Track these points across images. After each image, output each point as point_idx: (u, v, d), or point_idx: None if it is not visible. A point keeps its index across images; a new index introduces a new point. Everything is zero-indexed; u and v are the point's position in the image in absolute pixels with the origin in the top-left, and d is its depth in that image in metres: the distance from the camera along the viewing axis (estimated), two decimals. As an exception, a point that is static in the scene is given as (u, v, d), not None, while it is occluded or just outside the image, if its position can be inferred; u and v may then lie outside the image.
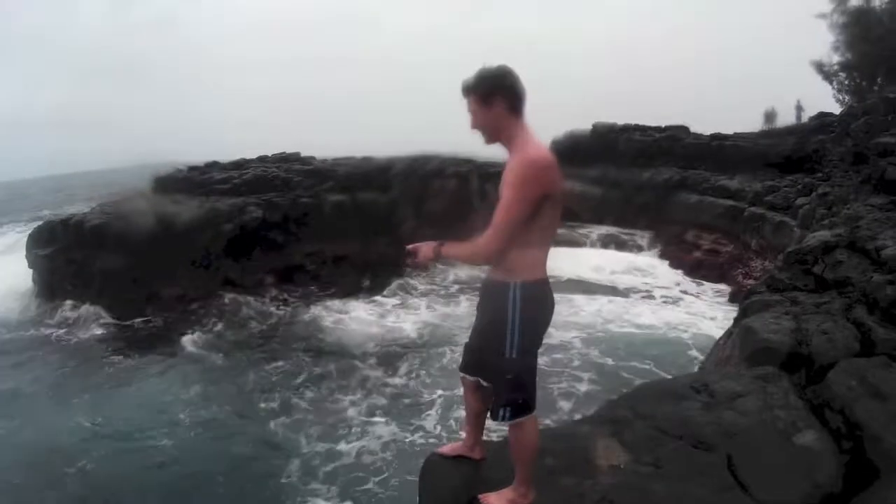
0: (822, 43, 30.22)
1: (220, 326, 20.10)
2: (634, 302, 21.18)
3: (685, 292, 22.18)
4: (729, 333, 7.53)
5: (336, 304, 21.97)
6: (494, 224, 2.97)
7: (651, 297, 21.78)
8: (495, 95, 3.08)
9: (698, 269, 24.01)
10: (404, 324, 19.98)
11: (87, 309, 20.96)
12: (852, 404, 4.25)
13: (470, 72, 3.18)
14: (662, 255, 26.43)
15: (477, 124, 3.19)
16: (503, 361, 3.17)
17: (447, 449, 3.94)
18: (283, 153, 30.76)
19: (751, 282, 18.28)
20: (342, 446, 12.55)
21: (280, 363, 16.93)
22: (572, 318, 18.97)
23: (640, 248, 27.79)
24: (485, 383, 3.39)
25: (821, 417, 4.28)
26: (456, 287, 23.49)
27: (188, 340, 18.81)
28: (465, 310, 20.12)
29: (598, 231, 29.19)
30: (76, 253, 21.95)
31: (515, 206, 2.95)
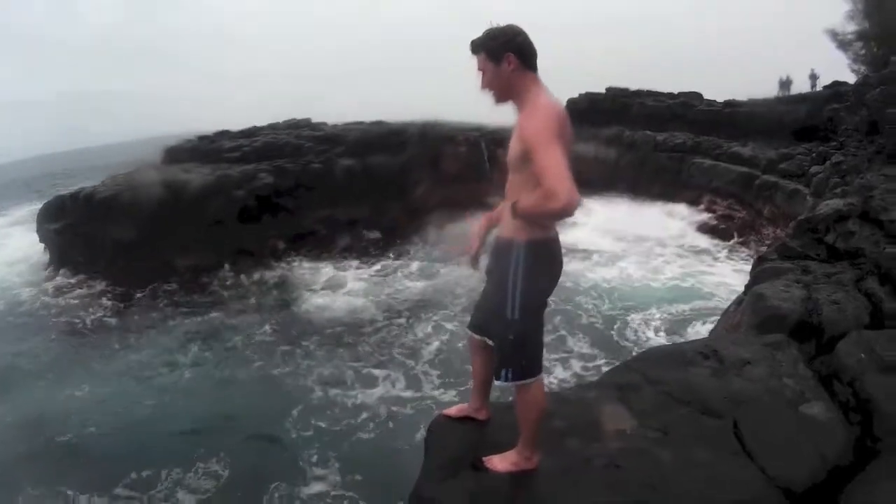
0: (838, 11, 29.79)
1: (228, 293, 20.33)
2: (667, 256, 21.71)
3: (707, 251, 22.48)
4: (739, 300, 7.50)
5: (345, 268, 22.15)
6: (545, 168, 2.77)
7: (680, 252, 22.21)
8: (506, 52, 3.01)
9: (714, 233, 24.05)
10: (410, 284, 20.31)
11: (95, 280, 21.12)
12: (861, 377, 4.21)
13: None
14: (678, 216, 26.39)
15: (486, 83, 3.12)
16: (505, 322, 3.13)
17: (453, 410, 3.91)
18: (294, 119, 30.71)
19: (763, 248, 18.31)
20: (344, 397, 13.06)
21: (285, 325, 17.31)
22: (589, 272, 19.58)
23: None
24: (490, 343, 3.36)
25: (829, 389, 4.25)
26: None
27: (196, 307, 19.12)
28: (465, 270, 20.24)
29: (610, 199, 29.10)
30: (86, 226, 22.00)
31: (553, 145, 2.80)
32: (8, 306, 19.99)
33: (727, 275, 18.95)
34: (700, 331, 14.34)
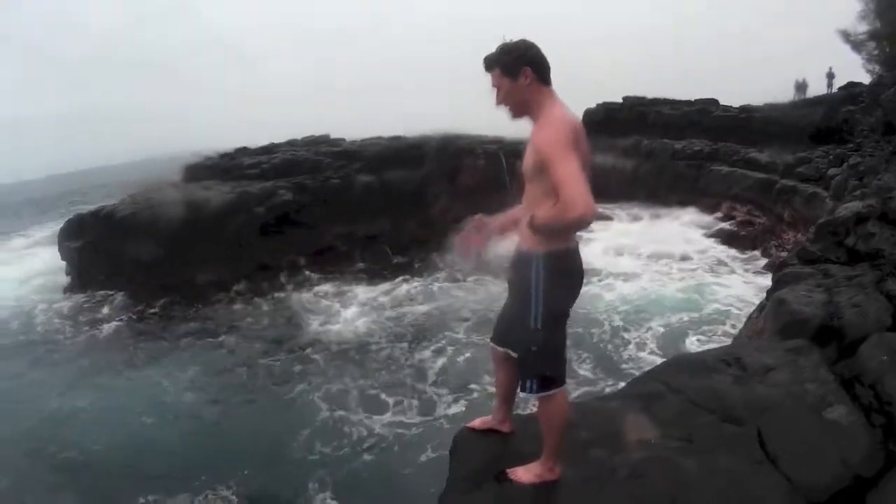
0: (851, 11, 29.60)
1: (240, 311, 20.42)
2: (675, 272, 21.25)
3: (723, 262, 22.05)
4: (762, 307, 7.48)
5: (358, 288, 22.01)
6: (562, 179, 2.81)
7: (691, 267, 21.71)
8: (522, 66, 3.06)
9: (733, 241, 23.79)
10: (421, 304, 20.21)
11: (112, 299, 21.31)
12: (883, 378, 4.20)
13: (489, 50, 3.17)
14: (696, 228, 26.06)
15: (502, 99, 3.16)
16: (528, 333, 3.15)
17: (477, 423, 3.94)
18: (312, 136, 30.82)
19: (784, 254, 18.18)
20: (350, 420, 13.01)
21: (295, 346, 17.27)
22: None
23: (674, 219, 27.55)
24: (513, 354, 3.37)
25: (851, 392, 4.23)
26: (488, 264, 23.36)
27: (208, 326, 19.18)
28: (484, 289, 20.40)
29: (631, 209, 28.95)
30: (107, 243, 22.18)
31: (568, 155, 2.84)
32: (23, 324, 20.16)
33: (741, 286, 18.71)
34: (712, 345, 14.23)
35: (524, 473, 3.36)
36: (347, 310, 19.78)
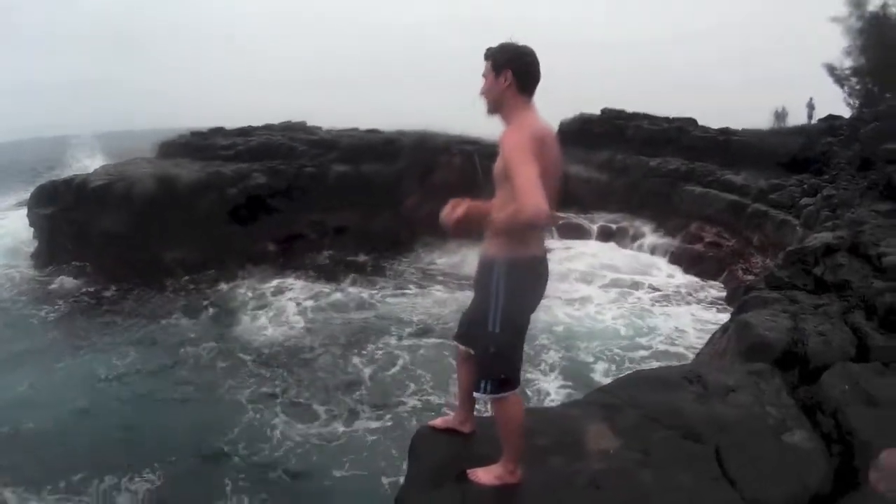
0: (836, 46, 30.05)
1: (191, 298, 20.28)
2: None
3: (678, 291, 21.43)
4: (725, 328, 7.54)
5: (313, 286, 21.68)
6: (517, 184, 2.86)
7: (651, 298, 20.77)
8: (507, 69, 3.12)
9: (699, 263, 23.77)
10: (372, 306, 19.98)
11: (75, 273, 21.20)
12: (844, 409, 4.24)
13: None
14: (662, 251, 25.92)
15: (483, 91, 3.25)
16: (486, 335, 3.20)
17: (438, 422, 3.95)
18: (289, 122, 30.70)
19: (750, 277, 18.26)
20: (275, 422, 12.80)
21: (237, 341, 17.02)
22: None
23: (641, 237, 27.35)
24: (473, 353, 3.42)
25: (812, 418, 4.28)
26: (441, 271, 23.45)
27: (157, 311, 19.01)
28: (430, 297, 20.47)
29: (600, 221, 28.73)
30: (77, 214, 21.95)
31: (528, 164, 2.89)
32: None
33: (685, 318, 18.09)
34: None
35: (484, 475, 3.36)
36: (295, 310, 19.46)
